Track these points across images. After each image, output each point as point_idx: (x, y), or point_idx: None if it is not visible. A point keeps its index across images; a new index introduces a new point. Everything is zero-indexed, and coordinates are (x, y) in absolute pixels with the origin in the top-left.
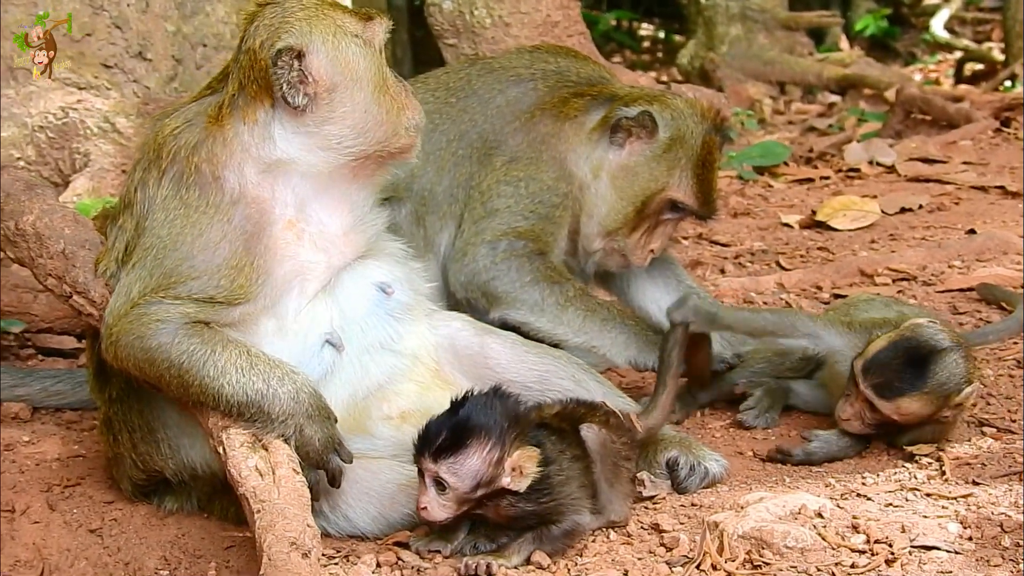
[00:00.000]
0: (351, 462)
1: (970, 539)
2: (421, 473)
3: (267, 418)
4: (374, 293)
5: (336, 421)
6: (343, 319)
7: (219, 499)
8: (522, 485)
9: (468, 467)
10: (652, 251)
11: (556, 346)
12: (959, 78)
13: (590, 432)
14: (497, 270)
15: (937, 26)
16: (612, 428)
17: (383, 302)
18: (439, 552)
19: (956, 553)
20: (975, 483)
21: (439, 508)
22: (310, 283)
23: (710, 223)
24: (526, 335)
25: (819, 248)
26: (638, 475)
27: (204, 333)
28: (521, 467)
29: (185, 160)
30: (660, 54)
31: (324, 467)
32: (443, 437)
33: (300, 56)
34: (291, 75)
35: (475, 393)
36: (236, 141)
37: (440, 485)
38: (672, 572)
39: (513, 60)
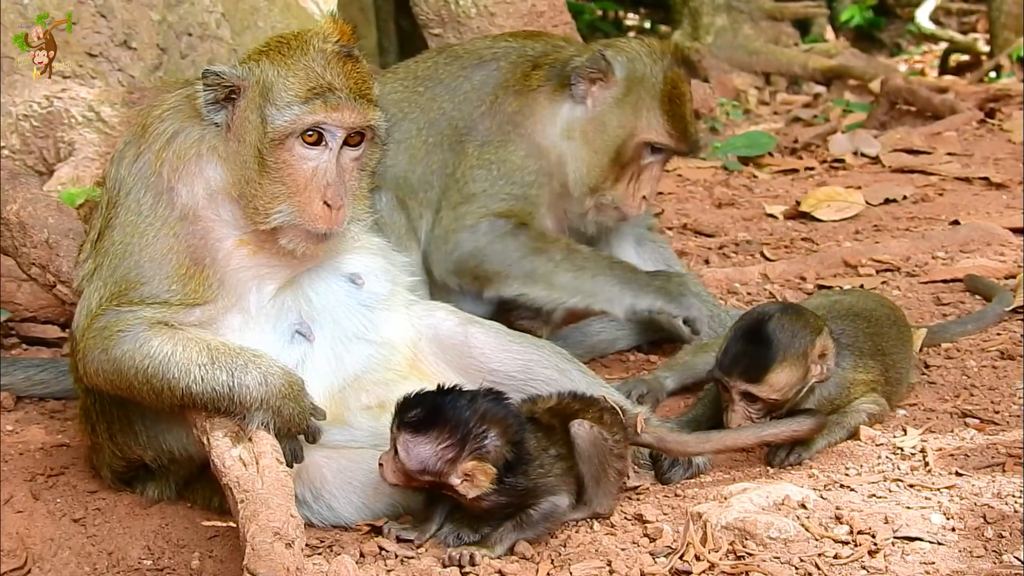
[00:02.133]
0: (325, 418)
1: (953, 530)
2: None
3: (242, 407)
4: (344, 284)
5: (305, 384)
6: (312, 309)
7: (199, 485)
8: (470, 493)
9: (419, 451)
10: (644, 198)
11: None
12: (944, 69)
13: (580, 429)
14: (483, 253)
15: (922, 17)
16: (606, 425)
17: (354, 292)
18: (410, 541)
19: (939, 544)
20: (958, 474)
21: (391, 472)
22: (268, 284)
23: (692, 158)
24: (525, 308)
25: (803, 239)
26: None
27: (164, 333)
28: (474, 476)
29: (155, 154)
30: None
31: (303, 432)
32: (412, 413)
33: (237, 89)
34: (212, 94)
35: (465, 389)
36: (194, 147)
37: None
38: (655, 563)
39: (477, 44)
